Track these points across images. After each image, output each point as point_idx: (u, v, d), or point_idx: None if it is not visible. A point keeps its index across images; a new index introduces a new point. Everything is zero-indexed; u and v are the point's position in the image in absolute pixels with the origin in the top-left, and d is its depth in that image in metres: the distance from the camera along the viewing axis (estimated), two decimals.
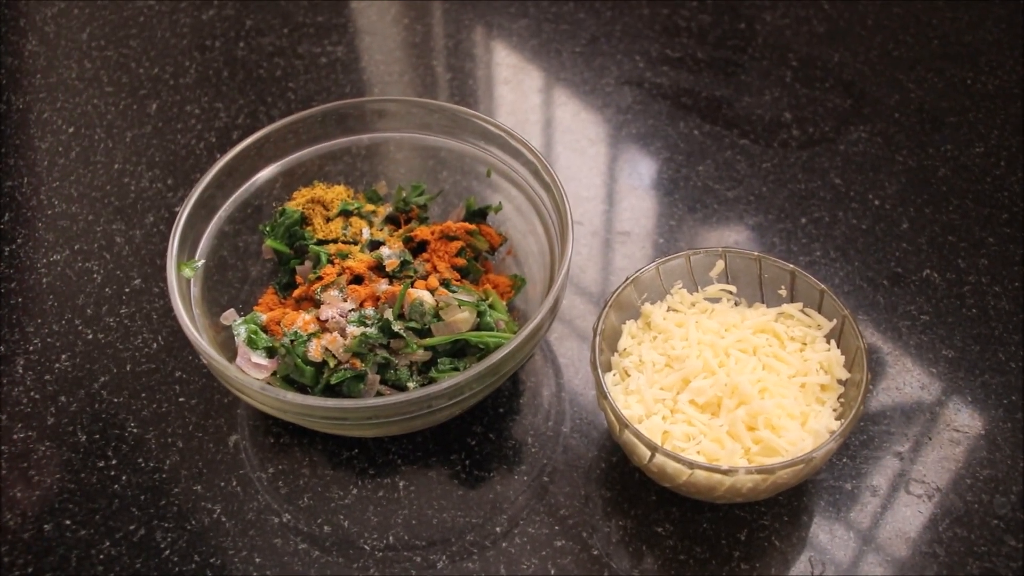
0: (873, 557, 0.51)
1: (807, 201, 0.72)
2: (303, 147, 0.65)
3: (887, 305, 0.64)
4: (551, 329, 0.60)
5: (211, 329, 0.57)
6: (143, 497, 0.56)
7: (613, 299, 0.53)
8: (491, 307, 0.58)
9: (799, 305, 0.55)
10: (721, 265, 0.56)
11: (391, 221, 0.66)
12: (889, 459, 0.55)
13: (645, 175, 0.75)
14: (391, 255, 0.60)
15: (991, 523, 0.52)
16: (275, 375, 0.57)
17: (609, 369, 0.54)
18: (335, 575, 0.52)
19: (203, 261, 0.59)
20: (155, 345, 0.64)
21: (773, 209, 0.72)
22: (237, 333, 0.57)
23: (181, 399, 0.61)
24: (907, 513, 0.53)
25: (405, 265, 0.60)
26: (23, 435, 0.59)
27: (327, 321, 0.57)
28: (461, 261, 0.61)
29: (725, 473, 0.46)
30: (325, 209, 0.65)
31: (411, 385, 0.55)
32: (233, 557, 0.53)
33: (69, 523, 0.55)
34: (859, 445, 0.56)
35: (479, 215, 0.65)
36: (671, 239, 0.70)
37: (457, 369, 0.55)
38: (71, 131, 0.80)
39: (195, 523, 0.54)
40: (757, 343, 0.53)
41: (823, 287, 0.53)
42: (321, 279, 0.59)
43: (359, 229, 0.63)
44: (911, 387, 0.59)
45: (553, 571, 0.51)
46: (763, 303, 0.56)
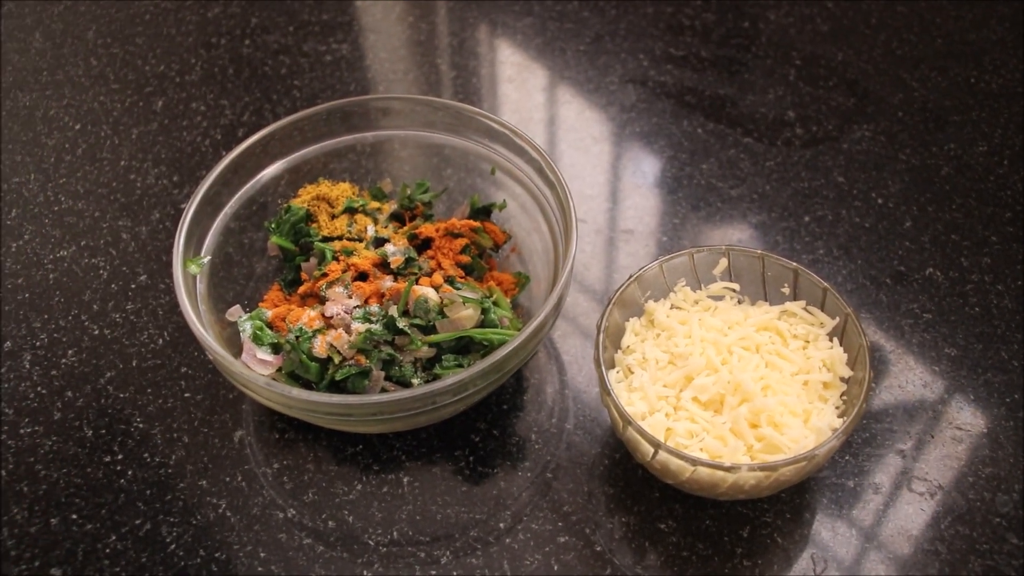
0: (875, 554, 0.51)
1: (810, 199, 0.71)
2: (308, 144, 0.65)
3: (890, 303, 0.64)
4: (554, 327, 0.60)
5: (217, 325, 0.57)
6: (149, 492, 0.56)
7: (616, 296, 0.53)
8: (495, 304, 0.58)
9: (802, 303, 0.55)
10: (724, 263, 0.56)
11: (396, 218, 0.66)
12: (891, 457, 0.55)
13: (649, 173, 0.75)
14: (396, 252, 0.60)
15: (993, 521, 0.52)
16: (280, 371, 0.57)
17: (612, 366, 0.54)
18: (339, 570, 0.52)
19: (209, 258, 0.59)
20: (161, 341, 0.64)
21: (776, 207, 0.71)
22: (243, 329, 0.57)
23: (187, 395, 0.61)
24: (909, 511, 0.53)
25: (410, 262, 0.60)
26: (30, 430, 0.59)
27: (332, 318, 0.57)
28: (465, 258, 0.61)
29: (728, 470, 0.46)
30: (330, 206, 0.65)
31: (415, 381, 0.55)
32: (238, 552, 0.53)
33: (75, 517, 0.55)
34: (861, 443, 0.56)
35: (483, 212, 0.65)
36: (674, 237, 0.70)
37: (461, 366, 0.55)
38: (77, 128, 0.80)
39: (200, 518, 0.54)
40: (760, 341, 0.53)
41: (826, 285, 0.53)
42: (326, 276, 0.59)
43: (364, 226, 0.63)
44: (913, 385, 0.59)
45: (556, 567, 0.51)
46: (766, 301, 0.56)
